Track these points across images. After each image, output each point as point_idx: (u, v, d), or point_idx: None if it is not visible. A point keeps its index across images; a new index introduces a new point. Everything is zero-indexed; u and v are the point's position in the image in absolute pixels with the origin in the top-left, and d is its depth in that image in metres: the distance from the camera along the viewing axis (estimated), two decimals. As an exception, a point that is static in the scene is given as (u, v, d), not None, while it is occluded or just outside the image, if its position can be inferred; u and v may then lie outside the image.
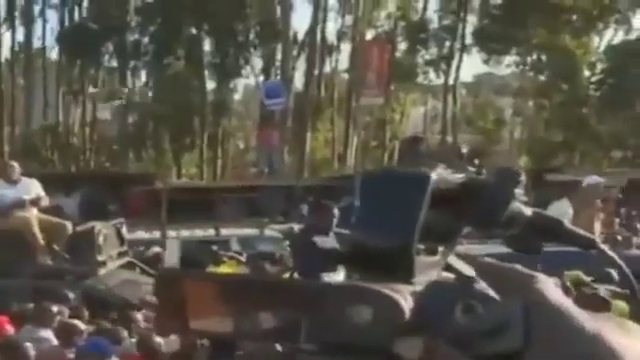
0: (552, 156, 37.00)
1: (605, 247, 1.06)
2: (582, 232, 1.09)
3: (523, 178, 1.02)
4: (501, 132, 42.81)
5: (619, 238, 13.75)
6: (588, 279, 8.97)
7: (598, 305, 7.14)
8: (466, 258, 0.94)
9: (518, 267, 0.81)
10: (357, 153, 37.84)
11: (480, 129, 42.16)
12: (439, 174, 0.92)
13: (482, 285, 0.82)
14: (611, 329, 0.78)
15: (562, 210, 13.62)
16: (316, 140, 40.13)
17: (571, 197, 14.23)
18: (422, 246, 0.92)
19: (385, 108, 37.50)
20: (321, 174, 35.22)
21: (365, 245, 0.87)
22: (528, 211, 1.01)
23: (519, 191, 0.99)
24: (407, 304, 0.79)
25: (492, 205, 0.96)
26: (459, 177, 0.97)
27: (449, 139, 37.79)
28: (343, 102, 38.80)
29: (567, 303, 0.78)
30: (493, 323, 0.76)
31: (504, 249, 1.15)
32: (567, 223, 1.08)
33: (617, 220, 15.82)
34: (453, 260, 0.97)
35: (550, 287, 0.79)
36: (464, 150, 1.05)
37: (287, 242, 15.87)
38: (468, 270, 0.89)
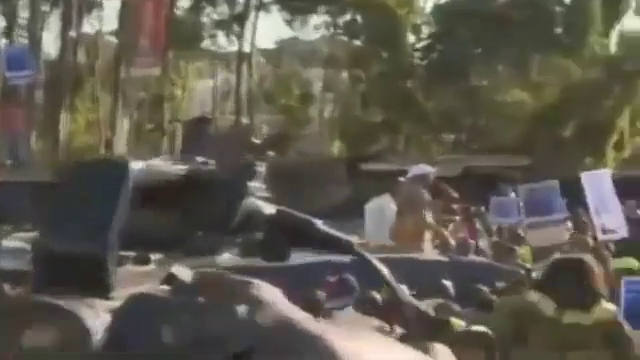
0: (371, 140, 37.64)
1: (362, 251, 0.77)
2: (338, 234, 0.80)
3: (260, 170, 0.68)
4: (309, 111, 43.31)
5: (452, 242, 13.64)
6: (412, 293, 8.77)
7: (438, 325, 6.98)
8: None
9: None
10: (129, 138, 37.33)
11: (283, 107, 42.53)
12: (150, 165, 0.65)
13: (195, 295, 0.72)
14: (335, 333, 0.89)
15: (382, 208, 13.67)
16: (75, 122, 39.45)
17: (394, 192, 14.29)
18: (133, 253, 0.65)
19: (163, 81, 37.31)
20: (82, 166, 34.50)
21: (56, 253, 0.65)
22: (270, 209, 0.70)
23: (257, 185, 0.66)
24: (99, 323, 0.65)
25: (222, 202, 0.66)
26: (181, 169, 0.65)
27: (245, 120, 37.84)
28: (110, 73, 38.19)
29: (288, 307, 0.88)
30: (216, 328, 0.73)
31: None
32: (320, 223, 0.77)
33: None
34: (177, 270, 0.69)
35: (269, 292, 0.83)
36: (259, 140, 0.72)
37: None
38: (190, 279, 0.74)
